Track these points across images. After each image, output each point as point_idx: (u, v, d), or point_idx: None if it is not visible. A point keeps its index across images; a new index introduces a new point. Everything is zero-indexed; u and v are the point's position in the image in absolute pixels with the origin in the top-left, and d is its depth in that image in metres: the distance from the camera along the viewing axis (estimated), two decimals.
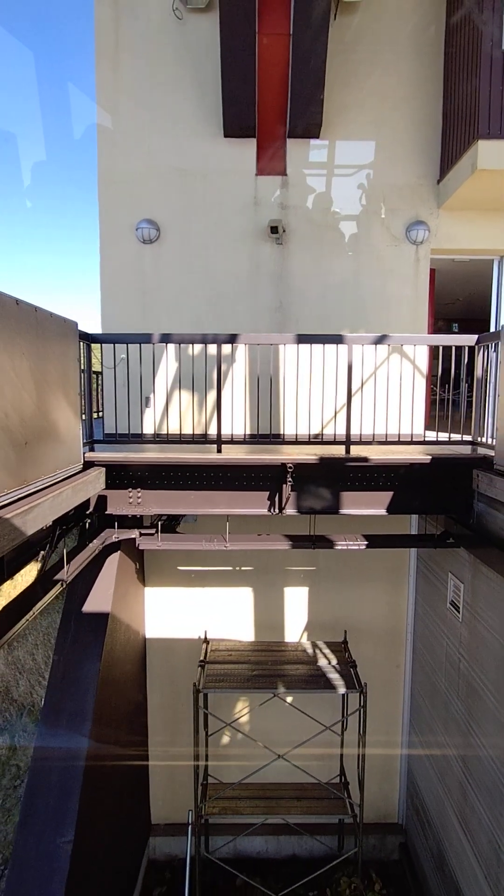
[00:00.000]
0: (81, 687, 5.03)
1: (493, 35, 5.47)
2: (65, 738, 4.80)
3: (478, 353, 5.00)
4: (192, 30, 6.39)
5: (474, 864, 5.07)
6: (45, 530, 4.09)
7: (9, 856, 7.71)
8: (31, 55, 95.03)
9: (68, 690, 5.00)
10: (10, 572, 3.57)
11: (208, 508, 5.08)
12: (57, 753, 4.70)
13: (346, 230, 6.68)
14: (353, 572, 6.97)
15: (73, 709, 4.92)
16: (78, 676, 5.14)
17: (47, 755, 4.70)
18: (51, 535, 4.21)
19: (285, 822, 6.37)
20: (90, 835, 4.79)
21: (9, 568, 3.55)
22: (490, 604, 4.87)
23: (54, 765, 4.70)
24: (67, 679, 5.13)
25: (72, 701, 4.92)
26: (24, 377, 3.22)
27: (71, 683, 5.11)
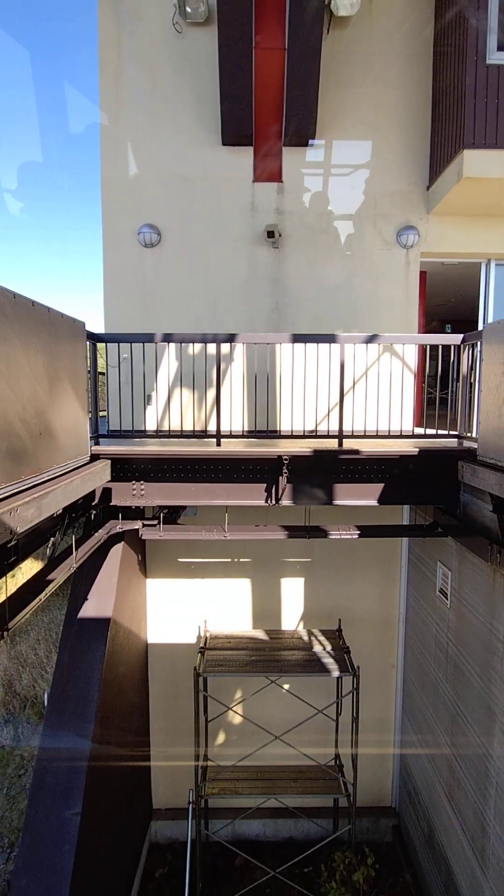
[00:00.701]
0: (87, 669, 5.28)
1: (478, 50, 5.76)
2: (72, 718, 5.05)
3: (463, 352, 5.28)
4: (191, 43, 6.67)
5: (461, 836, 5.34)
6: (55, 518, 4.34)
7: (15, 840, 7.96)
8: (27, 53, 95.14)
9: (75, 671, 5.25)
10: (23, 556, 3.82)
11: (208, 500, 5.34)
12: (65, 731, 4.94)
13: (340, 234, 6.96)
14: (347, 563, 7.24)
15: (79, 691, 5.17)
16: (84, 660, 5.38)
17: (57, 733, 4.95)
18: (60, 523, 4.46)
19: (283, 805, 6.62)
20: (95, 812, 5.03)
21: (22, 552, 3.80)
22: (475, 589, 5.14)
23: (63, 743, 4.95)
24: (74, 661, 5.38)
25: (79, 680, 5.17)
26: (39, 373, 3.48)
27: (77, 665, 5.36)
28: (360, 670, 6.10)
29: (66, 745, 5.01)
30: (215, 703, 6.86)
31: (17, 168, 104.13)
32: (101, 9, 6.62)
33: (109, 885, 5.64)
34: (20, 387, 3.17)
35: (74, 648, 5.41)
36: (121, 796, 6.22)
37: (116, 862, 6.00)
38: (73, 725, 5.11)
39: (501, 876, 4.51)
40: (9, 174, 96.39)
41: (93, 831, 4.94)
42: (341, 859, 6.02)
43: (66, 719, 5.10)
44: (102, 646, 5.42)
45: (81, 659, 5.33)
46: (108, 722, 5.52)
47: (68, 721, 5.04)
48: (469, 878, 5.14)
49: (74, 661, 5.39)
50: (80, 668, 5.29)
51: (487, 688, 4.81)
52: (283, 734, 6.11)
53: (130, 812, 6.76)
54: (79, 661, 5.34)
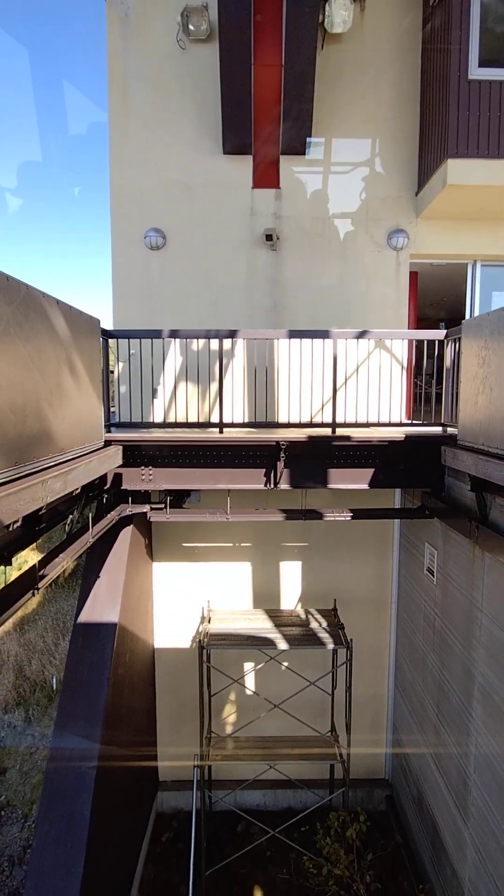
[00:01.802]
0: (101, 641, 5.72)
1: (461, 66, 6.20)
2: (87, 681, 5.49)
3: (447, 347, 5.73)
4: (194, 58, 7.12)
5: (446, 794, 5.78)
6: (73, 498, 4.78)
7: (28, 812, 8.41)
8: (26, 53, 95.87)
9: (90, 641, 5.69)
10: (48, 528, 4.26)
11: (212, 484, 5.78)
12: (82, 691, 5.39)
13: (334, 238, 7.40)
14: (342, 547, 7.68)
15: (94, 658, 5.62)
16: (99, 631, 5.83)
17: (75, 689, 5.39)
18: (77, 502, 4.90)
19: (282, 776, 7.05)
20: (108, 771, 5.47)
21: (49, 524, 4.24)
22: (458, 564, 5.58)
23: (79, 702, 5.39)
24: (88, 636, 5.82)
25: (94, 650, 5.62)
26: (62, 363, 3.93)
27: (91, 639, 5.80)
28: (355, 649, 6.54)
29: (85, 695, 5.45)
30: (218, 679, 7.31)
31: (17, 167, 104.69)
32: (110, 27, 7.07)
33: (122, 839, 6.07)
34: (48, 374, 3.62)
35: (89, 620, 5.85)
36: (130, 760, 6.65)
37: (127, 823, 6.43)
38: (90, 692, 5.55)
39: (480, 823, 4.95)
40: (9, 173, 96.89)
41: (106, 788, 5.37)
42: (335, 818, 6.45)
43: (83, 685, 5.54)
44: (115, 617, 5.86)
45: (97, 631, 5.77)
46: (119, 693, 5.96)
47: (85, 681, 5.48)
48: (452, 830, 5.58)
49: (89, 633, 5.83)
50: (96, 639, 5.73)
51: (468, 653, 5.25)
52: (282, 703, 6.55)
53: (139, 778, 7.19)
54: (94, 632, 5.78)
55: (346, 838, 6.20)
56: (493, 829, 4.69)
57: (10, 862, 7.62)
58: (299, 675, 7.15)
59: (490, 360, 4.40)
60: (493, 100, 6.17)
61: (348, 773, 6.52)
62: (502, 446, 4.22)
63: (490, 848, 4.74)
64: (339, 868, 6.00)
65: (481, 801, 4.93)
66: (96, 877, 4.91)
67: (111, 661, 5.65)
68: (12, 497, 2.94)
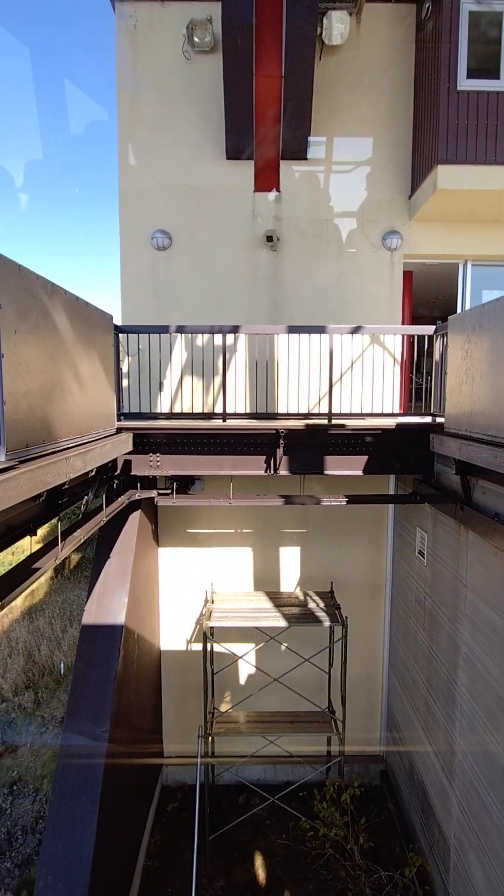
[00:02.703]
0: (112, 615, 6.12)
1: (450, 77, 6.58)
2: (99, 655, 5.89)
3: (436, 342, 6.12)
4: (198, 68, 7.51)
5: (434, 760, 6.17)
6: (88, 480, 5.18)
7: (39, 786, 8.82)
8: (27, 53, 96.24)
9: (101, 618, 6.08)
10: (69, 504, 4.65)
11: (215, 470, 6.18)
12: (95, 664, 5.79)
13: (332, 239, 7.79)
14: (339, 533, 8.07)
15: (106, 632, 6.01)
16: (108, 611, 6.22)
17: (88, 662, 5.79)
18: (92, 483, 5.30)
19: (281, 752, 7.45)
20: (118, 738, 5.86)
21: (70, 500, 4.63)
22: (445, 545, 5.97)
23: (92, 676, 5.79)
24: (100, 612, 6.22)
25: (106, 621, 6.01)
26: (81, 355, 4.32)
27: (103, 616, 6.20)
28: (351, 631, 6.94)
29: (99, 664, 5.85)
30: (221, 660, 7.70)
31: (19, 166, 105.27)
32: (119, 39, 7.46)
33: (129, 807, 6.47)
34: (69, 364, 4.02)
35: (100, 598, 6.25)
36: (136, 738, 7.05)
37: (135, 787, 6.83)
38: (102, 665, 5.94)
39: (464, 783, 5.34)
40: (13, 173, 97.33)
41: (117, 755, 5.76)
42: (331, 784, 6.85)
43: (95, 659, 5.94)
44: (124, 596, 6.26)
45: (108, 606, 6.17)
46: (128, 668, 6.36)
47: (97, 660, 5.88)
48: (439, 792, 5.98)
49: (101, 609, 6.23)
50: (107, 614, 6.13)
51: (454, 626, 5.64)
52: (281, 676, 6.95)
53: (146, 750, 7.59)
54: (105, 608, 6.18)
55: (342, 803, 6.59)
56: (475, 786, 5.08)
57: (24, 831, 8.03)
58: (298, 654, 7.55)
59: (472, 353, 4.79)
60: (480, 109, 6.55)
61: (344, 742, 6.92)
62: (483, 431, 4.61)
63: (473, 804, 5.13)
64: (335, 830, 6.40)
65: (465, 762, 5.33)
66: (108, 836, 5.31)
67: (121, 635, 6.04)
68: (41, 470, 3.33)
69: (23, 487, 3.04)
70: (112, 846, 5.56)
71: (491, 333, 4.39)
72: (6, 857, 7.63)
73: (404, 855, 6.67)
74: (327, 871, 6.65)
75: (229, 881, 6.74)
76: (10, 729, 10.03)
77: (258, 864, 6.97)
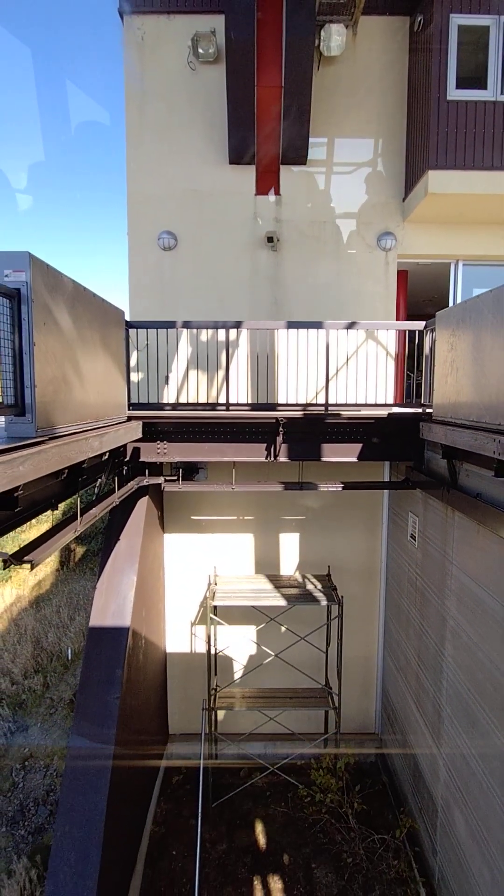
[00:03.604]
0: (122, 592, 6.53)
1: (440, 87, 6.99)
2: (111, 629, 6.30)
3: (426, 336, 6.52)
4: (202, 78, 7.92)
5: (424, 729, 6.57)
6: (102, 463, 5.59)
7: (49, 762, 9.24)
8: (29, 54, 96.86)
9: (113, 595, 6.49)
10: (85, 484, 5.06)
11: (218, 456, 6.58)
12: (106, 636, 6.20)
13: (329, 239, 8.20)
14: (336, 520, 8.47)
15: (117, 606, 6.43)
16: (118, 589, 6.63)
17: (99, 635, 6.20)
18: (105, 467, 5.71)
19: (281, 730, 7.86)
20: (126, 717, 6.25)
21: (89, 478, 5.04)
22: (434, 526, 6.38)
23: (104, 648, 6.20)
24: (111, 589, 6.63)
25: (116, 598, 6.43)
26: (98, 347, 4.73)
27: (113, 594, 6.61)
28: (348, 614, 7.34)
29: (111, 638, 6.26)
30: (223, 639, 8.11)
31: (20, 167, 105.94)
32: (127, 50, 7.87)
33: (137, 777, 6.89)
34: (88, 354, 4.43)
35: (111, 576, 6.66)
36: (144, 710, 7.46)
37: (142, 759, 7.24)
38: (113, 637, 6.35)
39: (450, 746, 5.75)
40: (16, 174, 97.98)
41: (127, 718, 6.17)
42: (327, 755, 7.26)
43: (107, 631, 6.35)
44: (133, 575, 6.68)
45: (118, 584, 6.58)
46: (136, 644, 6.77)
47: (109, 632, 6.29)
48: (428, 758, 6.38)
49: (111, 588, 6.64)
50: (118, 591, 6.54)
51: (441, 601, 6.05)
52: (280, 652, 7.35)
53: (151, 731, 8.00)
54: (116, 586, 6.59)
55: (337, 770, 7.00)
56: (460, 747, 5.49)
57: (35, 803, 8.44)
58: (296, 634, 7.95)
59: (456, 346, 5.19)
60: (468, 117, 6.95)
61: (339, 714, 7.32)
62: (466, 418, 5.01)
63: (458, 764, 5.54)
64: (331, 796, 6.80)
65: (451, 726, 5.73)
66: (119, 796, 5.72)
67: (131, 610, 6.45)
68: (66, 447, 3.74)
69: (52, 460, 3.45)
70: (122, 809, 5.97)
71: (472, 327, 4.79)
72: (20, 825, 8.05)
73: (397, 822, 7.08)
74: (324, 834, 7.06)
75: (231, 845, 7.15)
76: (20, 709, 10.45)
77: (258, 830, 7.38)
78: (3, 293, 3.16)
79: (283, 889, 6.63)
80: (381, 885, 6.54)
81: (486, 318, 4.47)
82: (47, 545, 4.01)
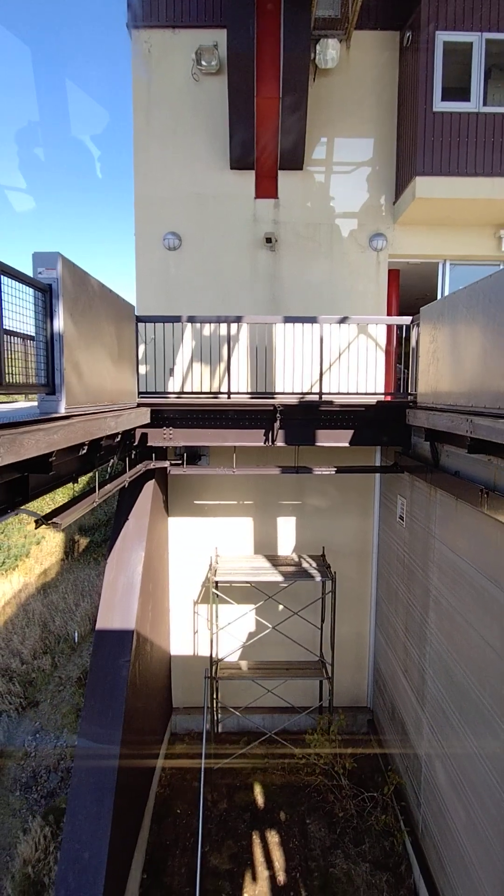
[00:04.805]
0: (131, 565, 7.05)
1: (427, 99, 7.51)
2: (122, 596, 6.83)
3: (412, 330, 7.04)
4: (206, 89, 8.43)
5: (410, 693, 7.11)
6: (114, 446, 6.10)
7: (59, 734, 9.76)
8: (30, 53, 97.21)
9: (123, 569, 7.02)
10: (103, 460, 5.58)
11: (220, 441, 7.11)
12: (118, 604, 6.72)
13: (324, 240, 8.72)
14: (331, 504, 9.00)
15: (126, 579, 6.95)
16: (127, 563, 7.16)
17: (111, 599, 6.73)
18: (117, 448, 6.23)
19: (279, 703, 8.37)
20: (135, 687, 6.76)
21: (106, 453, 5.55)
22: (419, 505, 6.91)
23: (115, 615, 6.72)
24: (121, 564, 7.15)
25: (126, 571, 6.95)
26: (113, 337, 5.26)
27: (123, 567, 7.13)
28: (341, 594, 7.85)
29: (119, 620, 6.78)
30: (224, 617, 8.62)
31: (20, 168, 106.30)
32: (135, 61, 8.38)
33: (144, 743, 7.41)
34: (105, 344, 4.95)
35: (121, 551, 7.19)
36: (148, 691, 7.98)
37: (147, 733, 7.77)
38: (124, 602, 6.87)
39: (432, 705, 6.28)
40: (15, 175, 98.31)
41: (133, 701, 6.68)
42: (321, 719, 7.79)
43: (117, 600, 6.87)
44: (142, 551, 7.20)
45: (128, 559, 7.11)
46: (144, 614, 7.29)
47: (120, 599, 6.81)
48: (414, 720, 6.92)
49: (121, 561, 7.16)
50: (127, 564, 7.06)
51: (426, 574, 6.58)
52: (278, 625, 7.88)
53: (156, 703, 8.53)
54: (126, 560, 7.11)
55: (330, 733, 7.53)
56: (440, 703, 6.02)
57: (47, 770, 8.96)
58: (292, 611, 8.48)
59: (437, 338, 5.72)
60: (453, 127, 7.47)
61: (332, 682, 7.85)
62: (446, 403, 5.54)
63: (438, 719, 6.07)
64: (324, 758, 7.33)
65: (433, 687, 6.26)
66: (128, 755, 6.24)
67: (140, 585, 6.98)
68: (88, 423, 4.26)
69: (78, 433, 3.98)
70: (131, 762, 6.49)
71: (450, 321, 5.32)
72: (33, 790, 8.57)
73: (385, 781, 7.61)
74: (318, 794, 7.60)
75: (231, 803, 7.69)
76: (30, 686, 10.97)
77: (257, 791, 7.91)
78: (38, 288, 3.68)
79: (280, 842, 7.17)
80: (370, 837, 7.08)
81: (460, 312, 5.00)
82: (70, 511, 4.53)
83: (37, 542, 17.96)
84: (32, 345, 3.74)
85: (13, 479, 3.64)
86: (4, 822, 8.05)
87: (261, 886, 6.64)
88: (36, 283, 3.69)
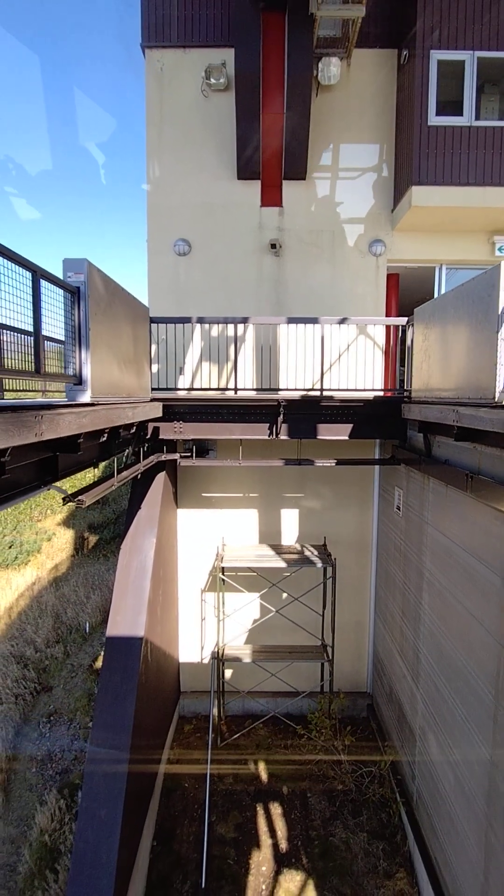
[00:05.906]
0: (144, 550, 7.52)
1: (422, 114, 7.98)
2: (135, 580, 7.29)
3: (408, 330, 7.49)
4: (214, 104, 8.96)
5: (406, 673, 7.51)
6: (129, 437, 6.58)
7: (72, 717, 10.21)
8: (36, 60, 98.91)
9: (136, 553, 7.49)
10: (121, 446, 6.05)
11: (227, 435, 7.57)
12: (131, 588, 7.19)
13: (326, 246, 9.20)
14: (332, 496, 9.43)
15: (139, 563, 7.42)
16: (140, 548, 7.62)
17: (124, 585, 7.19)
18: (132, 440, 6.71)
19: (282, 688, 8.79)
20: (146, 673, 7.20)
21: (121, 444, 6.03)
22: (414, 494, 7.34)
23: (129, 599, 7.18)
24: (134, 549, 7.62)
25: (139, 556, 7.42)
26: (129, 336, 5.75)
27: (136, 552, 7.60)
28: (341, 583, 8.27)
29: (132, 605, 7.24)
30: (231, 605, 9.06)
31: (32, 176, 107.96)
32: (148, 79, 8.93)
33: (153, 725, 7.85)
34: (123, 341, 5.44)
35: (133, 538, 7.65)
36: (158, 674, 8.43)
37: (159, 708, 8.21)
38: (137, 588, 7.34)
39: (425, 681, 6.69)
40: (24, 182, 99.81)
41: (144, 681, 7.14)
42: (321, 698, 8.20)
43: (131, 584, 7.33)
44: (153, 539, 7.66)
45: (141, 545, 7.58)
46: (155, 597, 7.75)
47: (133, 583, 7.27)
48: (409, 697, 7.33)
49: (135, 546, 7.63)
50: (140, 549, 7.53)
51: (420, 558, 7.01)
52: (281, 608, 8.32)
53: (165, 687, 8.96)
54: (139, 546, 7.58)
55: (331, 712, 7.95)
56: (432, 678, 6.43)
57: (61, 749, 9.42)
58: (294, 597, 8.91)
59: (429, 336, 6.17)
60: (447, 140, 7.94)
61: (333, 664, 8.26)
62: (436, 396, 5.98)
63: (431, 694, 6.48)
64: (325, 735, 7.74)
65: (427, 664, 6.68)
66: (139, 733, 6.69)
67: (151, 572, 7.44)
68: (110, 412, 4.74)
69: (102, 419, 4.46)
70: (142, 740, 6.94)
71: (440, 320, 5.77)
72: (49, 766, 9.03)
73: (382, 756, 8.01)
74: (318, 769, 8.00)
75: (237, 778, 8.11)
76: (44, 673, 11.44)
77: (261, 767, 8.33)
78: (68, 290, 4.17)
79: (282, 813, 7.58)
80: (368, 809, 7.48)
81: (448, 311, 5.45)
82: (93, 492, 5.01)
83: (48, 538, 18.49)
84: (59, 346, 4.23)
85: (45, 457, 4.12)
86: (22, 796, 8.50)
87: (264, 853, 7.06)
88: (67, 286, 4.18)
